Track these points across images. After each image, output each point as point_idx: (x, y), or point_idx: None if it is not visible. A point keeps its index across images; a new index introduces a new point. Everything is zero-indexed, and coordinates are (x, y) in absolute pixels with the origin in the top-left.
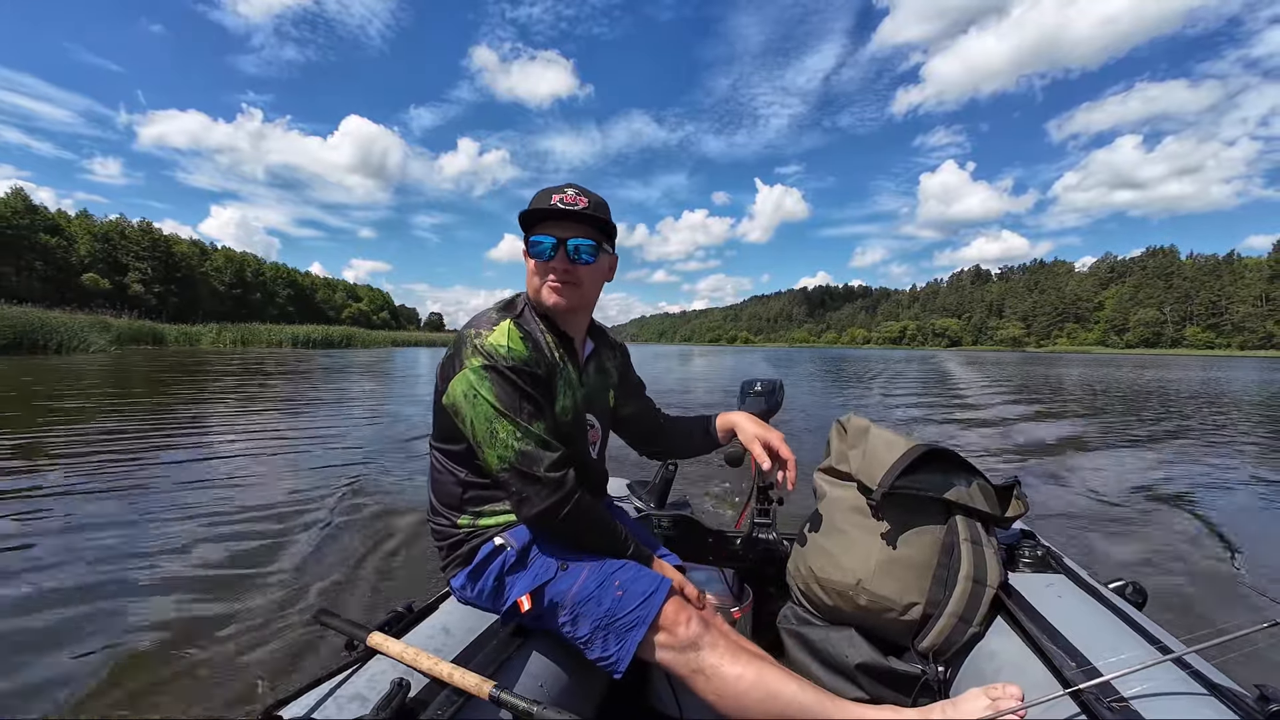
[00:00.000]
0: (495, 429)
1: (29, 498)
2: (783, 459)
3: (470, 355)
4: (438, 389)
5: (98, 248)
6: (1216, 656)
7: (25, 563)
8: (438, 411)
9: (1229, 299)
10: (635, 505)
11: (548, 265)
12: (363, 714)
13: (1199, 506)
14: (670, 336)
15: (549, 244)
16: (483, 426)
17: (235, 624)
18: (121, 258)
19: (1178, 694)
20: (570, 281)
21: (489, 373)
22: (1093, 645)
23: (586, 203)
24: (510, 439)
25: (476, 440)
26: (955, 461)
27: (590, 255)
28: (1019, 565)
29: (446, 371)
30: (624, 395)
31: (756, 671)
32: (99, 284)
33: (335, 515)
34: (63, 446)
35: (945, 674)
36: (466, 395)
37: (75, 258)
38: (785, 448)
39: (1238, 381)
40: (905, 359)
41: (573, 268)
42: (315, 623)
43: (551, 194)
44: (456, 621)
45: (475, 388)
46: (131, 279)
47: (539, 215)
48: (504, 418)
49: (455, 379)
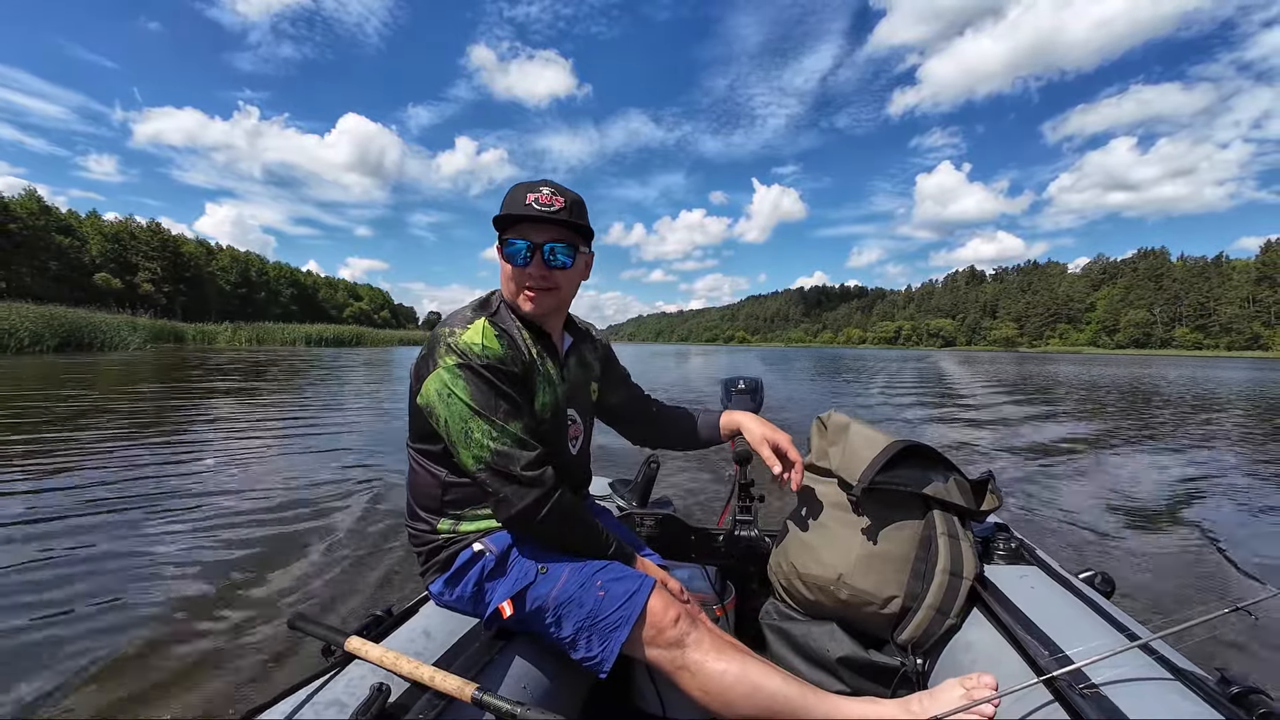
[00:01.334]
0: (470, 429)
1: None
2: (791, 461)
3: (444, 354)
4: (412, 388)
5: (109, 248)
6: (1181, 641)
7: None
8: (413, 412)
9: (1217, 300)
10: (618, 504)
11: (523, 271)
12: (342, 719)
13: (1166, 497)
14: (667, 336)
15: (524, 248)
16: (457, 426)
17: (210, 629)
18: (131, 257)
19: (1145, 679)
20: (546, 287)
21: (463, 371)
22: (1064, 634)
23: (563, 203)
24: (485, 439)
25: (451, 440)
26: (933, 457)
27: (567, 258)
28: (994, 558)
29: (420, 371)
30: (608, 386)
31: (740, 666)
32: (111, 284)
33: (327, 516)
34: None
35: (924, 665)
36: (440, 395)
37: (87, 258)
38: (794, 450)
39: (1216, 380)
40: (900, 358)
41: (549, 273)
42: (291, 628)
43: (526, 192)
44: (437, 625)
45: (449, 387)
46: (141, 278)
47: (513, 218)
48: (479, 417)
49: (429, 378)
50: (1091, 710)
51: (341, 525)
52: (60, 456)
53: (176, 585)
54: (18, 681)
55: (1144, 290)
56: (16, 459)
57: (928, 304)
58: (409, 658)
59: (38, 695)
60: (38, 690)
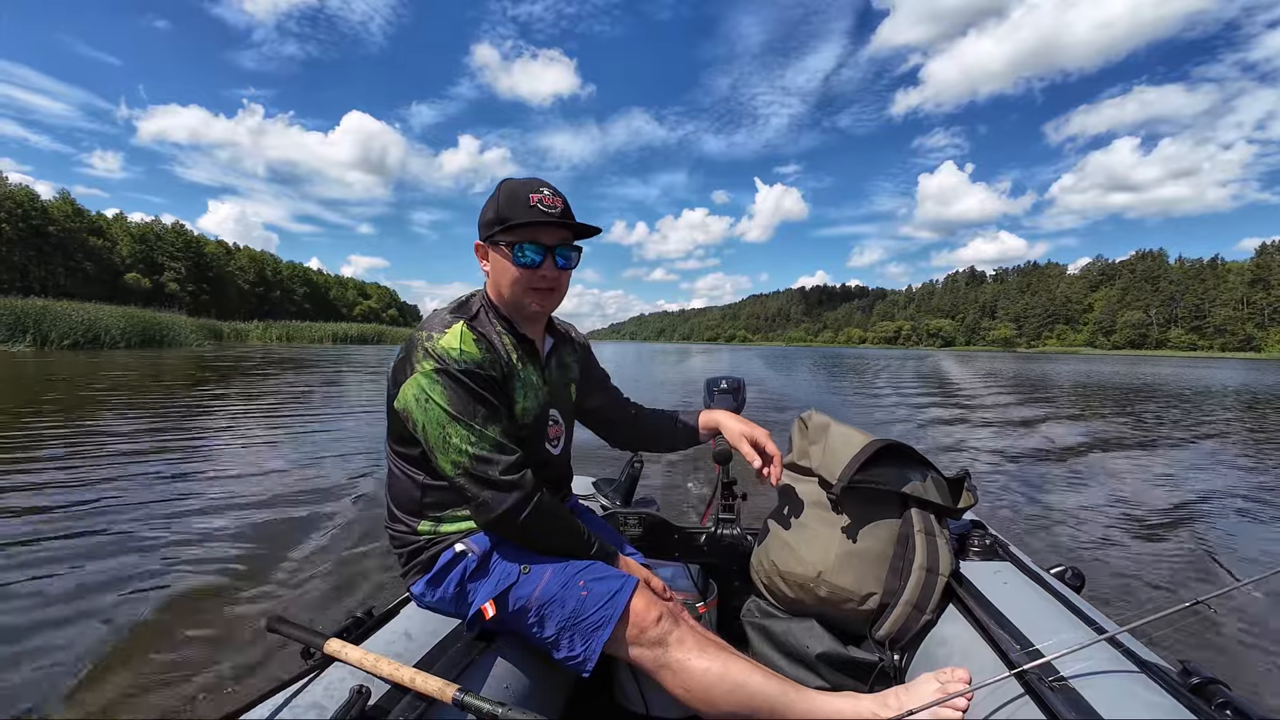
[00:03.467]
0: (448, 434)
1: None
2: (769, 455)
3: (421, 359)
4: (389, 392)
5: (137, 249)
6: (1146, 634)
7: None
8: (391, 415)
9: (1211, 302)
10: (601, 503)
11: (534, 273)
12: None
13: (1138, 494)
14: (669, 335)
15: (538, 251)
16: (435, 432)
17: (189, 632)
18: (157, 258)
19: (1112, 672)
20: (556, 288)
21: (440, 376)
22: (1036, 628)
23: (562, 204)
24: (464, 444)
25: (430, 446)
26: (911, 456)
27: (574, 259)
28: (969, 554)
29: (398, 375)
30: (587, 388)
31: (723, 664)
32: (141, 283)
33: (310, 516)
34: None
35: (901, 661)
36: (418, 400)
37: (118, 258)
38: (771, 444)
39: (1206, 380)
40: (901, 356)
41: (559, 274)
42: (269, 631)
43: (528, 193)
44: (418, 626)
45: (427, 392)
46: (168, 278)
47: (522, 220)
48: (457, 422)
49: (407, 383)
50: (1060, 702)
51: (325, 526)
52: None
53: (156, 587)
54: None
55: (1141, 292)
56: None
57: (928, 304)
58: (389, 659)
59: (18, 697)
60: (18, 692)
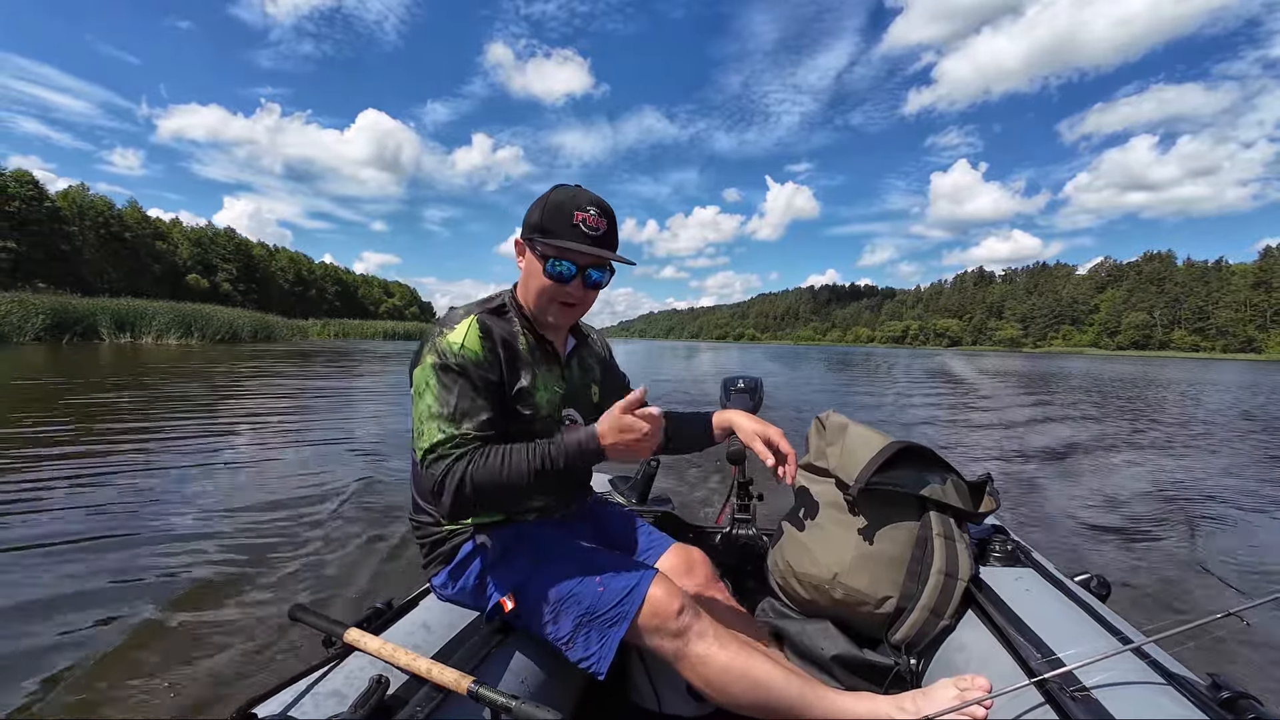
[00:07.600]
0: (425, 426)
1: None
2: (783, 454)
3: (427, 353)
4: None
5: (194, 251)
6: (1174, 646)
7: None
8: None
9: (1215, 304)
10: (618, 501)
11: (563, 288)
12: (340, 711)
13: (1164, 500)
14: (678, 333)
15: (569, 269)
16: (417, 424)
17: (211, 618)
18: (212, 259)
19: (1136, 683)
20: (580, 304)
21: (435, 371)
22: (1057, 637)
23: (606, 225)
24: (436, 434)
25: (413, 433)
26: (930, 458)
27: (606, 279)
28: (989, 559)
29: (411, 368)
30: (608, 391)
31: (745, 659)
32: (200, 283)
33: (339, 510)
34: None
35: (917, 665)
36: (416, 390)
37: (179, 260)
38: (785, 442)
39: (1201, 384)
40: (909, 355)
41: (586, 293)
42: (291, 619)
43: (573, 210)
44: (436, 618)
45: (425, 383)
46: (221, 278)
47: (562, 236)
48: (438, 416)
49: (415, 375)
50: (1081, 713)
51: (345, 517)
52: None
53: (179, 573)
54: (16, 670)
55: (1146, 293)
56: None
57: (935, 304)
58: (407, 650)
59: (39, 684)
60: (39, 679)
